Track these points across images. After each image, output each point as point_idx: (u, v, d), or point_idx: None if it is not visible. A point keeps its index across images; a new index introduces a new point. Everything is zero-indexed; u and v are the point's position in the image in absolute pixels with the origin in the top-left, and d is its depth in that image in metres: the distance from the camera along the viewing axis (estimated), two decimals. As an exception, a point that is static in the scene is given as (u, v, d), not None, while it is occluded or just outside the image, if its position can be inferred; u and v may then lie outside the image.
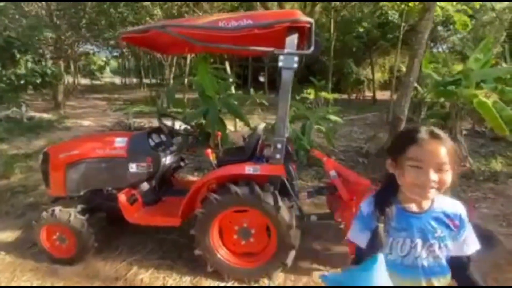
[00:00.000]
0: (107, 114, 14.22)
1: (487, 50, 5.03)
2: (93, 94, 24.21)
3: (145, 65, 28.91)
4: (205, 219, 2.26)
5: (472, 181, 4.56)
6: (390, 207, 0.94)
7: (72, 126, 10.67)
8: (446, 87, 5.30)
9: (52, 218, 2.51)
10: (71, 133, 9.18)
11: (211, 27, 1.90)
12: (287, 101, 2.06)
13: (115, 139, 2.58)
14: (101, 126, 10.79)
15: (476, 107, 4.55)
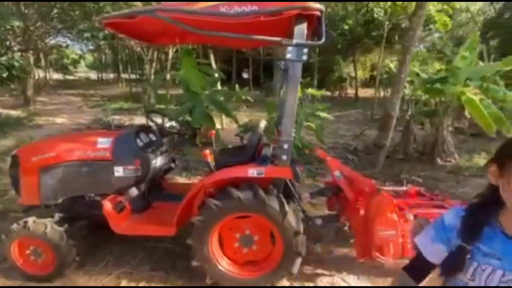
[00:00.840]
0: (82, 111, 13.41)
1: (472, 48, 5.13)
2: (67, 90, 22.82)
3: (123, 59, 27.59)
4: (203, 227, 2.05)
5: (460, 176, 4.65)
6: (483, 226, 0.78)
7: (43, 123, 9.92)
8: (433, 84, 5.39)
9: (24, 231, 2.19)
10: (42, 132, 8.50)
11: (211, 12, 1.68)
12: (295, 97, 1.88)
13: (98, 140, 2.29)
14: (76, 124, 10.13)
15: (464, 104, 4.64)
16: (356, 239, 2.24)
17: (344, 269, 2.47)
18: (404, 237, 2.10)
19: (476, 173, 4.73)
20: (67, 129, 8.99)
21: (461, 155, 5.58)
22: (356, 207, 2.25)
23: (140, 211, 2.39)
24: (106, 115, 11.02)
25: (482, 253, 0.78)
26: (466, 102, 4.54)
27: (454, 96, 4.92)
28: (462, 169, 4.87)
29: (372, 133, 8.20)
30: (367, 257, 2.16)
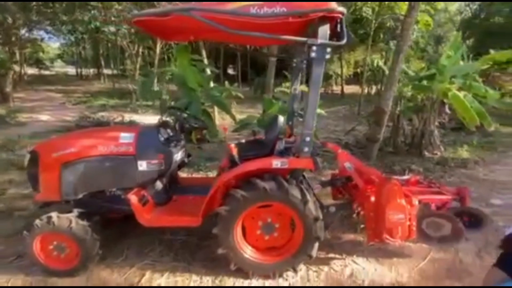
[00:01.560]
0: (65, 108, 12.93)
1: (456, 48, 5.51)
2: (44, 86, 21.75)
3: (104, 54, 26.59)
4: (229, 217, 2.17)
5: (446, 167, 5.02)
6: None
7: (27, 121, 9.51)
8: (421, 81, 5.73)
9: (48, 226, 2.21)
10: (27, 129, 8.18)
11: (243, 13, 1.78)
12: (317, 93, 2.03)
13: (120, 135, 2.32)
14: (62, 121, 9.77)
15: (450, 99, 4.99)
16: (367, 224, 2.44)
17: (353, 253, 2.67)
18: (411, 220, 2.32)
19: (460, 164, 5.12)
20: (52, 127, 8.67)
21: (446, 148, 5.99)
22: (367, 195, 2.44)
23: (162, 204, 2.47)
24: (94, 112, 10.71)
25: None
26: (452, 98, 4.89)
27: (440, 93, 5.28)
28: (448, 161, 5.25)
29: (361, 128, 8.57)
30: (378, 239, 2.37)
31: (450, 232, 2.49)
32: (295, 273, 2.33)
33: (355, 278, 2.36)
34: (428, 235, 2.53)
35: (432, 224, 2.53)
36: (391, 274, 2.41)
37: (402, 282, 2.32)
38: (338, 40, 1.92)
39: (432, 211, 2.54)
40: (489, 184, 4.29)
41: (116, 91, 18.09)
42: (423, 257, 2.59)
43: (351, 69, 21.57)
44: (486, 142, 6.71)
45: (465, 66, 5.40)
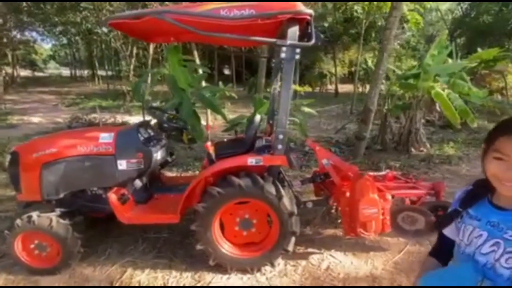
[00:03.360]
0: (58, 110, 12.91)
1: (441, 47, 5.61)
2: (38, 88, 21.66)
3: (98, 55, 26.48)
4: (207, 213, 2.22)
5: (431, 164, 5.12)
6: (480, 198, 0.93)
7: (19, 123, 9.51)
8: (407, 80, 5.83)
9: (29, 225, 2.25)
10: (18, 132, 8.18)
11: (213, 15, 1.84)
12: (289, 92, 2.09)
13: (100, 135, 2.37)
14: (54, 123, 9.77)
15: (434, 97, 5.09)
16: (343, 219, 2.51)
17: (332, 247, 2.74)
18: (384, 214, 2.40)
19: (445, 161, 5.22)
20: (44, 129, 8.66)
21: (431, 145, 6.10)
22: (343, 190, 2.52)
23: (143, 202, 2.52)
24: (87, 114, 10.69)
25: (469, 215, 0.95)
26: (435, 96, 4.99)
27: (425, 91, 5.37)
28: (433, 157, 5.35)
29: (352, 127, 8.67)
30: (353, 233, 2.44)
31: (424, 226, 2.57)
32: (273, 267, 2.39)
33: (331, 271, 2.43)
34: (403, 229, 2.60)
35: (407, 218, 2.60)
36: (366, 267, 2.49)
37: (376, 274, 2.39)
38: (308, 41, 1.99)
39: (406, 206, 2.62)
40: (470, 180, 4.30)
41: (110, 92, 18.05)
42: (399, 250, 2.67)
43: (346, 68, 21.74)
44: (472, 138, 6.83)
45: (449, 65, 5.51)
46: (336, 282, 2.31)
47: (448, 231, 1.04)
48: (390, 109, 5.95)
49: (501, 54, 7.91)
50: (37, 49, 29.78)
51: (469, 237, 0.94)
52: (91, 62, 28.73)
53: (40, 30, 19.89)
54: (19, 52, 24.47)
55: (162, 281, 2.32)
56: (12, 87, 19.59)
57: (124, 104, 12.82)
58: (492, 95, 10.84)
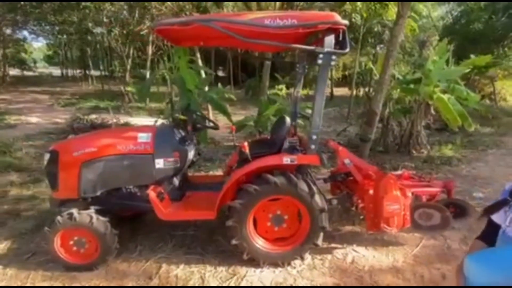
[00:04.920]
0: (54, 110, 12.74)
1: (441, 53, 5.90)
2: (29, 87, 21.20)
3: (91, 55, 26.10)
4: (243, 210, 2.34)
5: (432, 165, 5.38)
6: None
7: (17, 123, 9.35)
8: (408, 85, 6.10)
9: (70, 222, 2.32)
10: (18, 131, 8.07)
11: (258, 24, 1.98)
12: (323, 95, 2.25)
13: (138, 135, 2.46)
14: (53, 123, 9.66)
15: (435, 102, 5.36)
16: (367, 215, 2.67)
17: (352, 242, 2.90)
18: (405, 210, 2.58)
19: (445, 162, 5.49)
20: (44, 129, 8.57)
21: (431, 147, 6.38)
22: (366, 188, 2.68)
23: (178, 199, 2.62)
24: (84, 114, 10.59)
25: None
26: (437, 100, 5.26)
27: (426, 95, 5.64)
28: (434, 159, 5.61)
29: (352, 129, 8.92)
30: (376, 228, 2.61)
31: (439, 221, 2.76)
32: (302, 261, 2.53)
33: (356, 264, 2.58)
34: (420, 224, 2.79)
35: (423, 214, 2.79)
36: (388, 260, 2.65)
37: (398, 266, 2.56)
38: (341, 49, 2.15)
39: (423, 203, 2.81)
40: (471, 180, 4.65)
41: (105, 93, 17.86)
42: (416, 245, 2.85)
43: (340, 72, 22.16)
44: (468, 141, 7.16)
45: (450, 70, 5.80)
46: (363, 274, 2.46)
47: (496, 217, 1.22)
48: (392, 113, 6.20)
49: (492, 61, 8.33)
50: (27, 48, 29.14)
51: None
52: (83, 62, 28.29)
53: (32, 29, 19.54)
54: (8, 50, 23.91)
55: (199, 275, 2.42)
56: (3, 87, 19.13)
57: (122, 105, 12.75)
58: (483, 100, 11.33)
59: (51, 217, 3.24)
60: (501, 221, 1.21)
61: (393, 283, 2.37)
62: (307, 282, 2.35)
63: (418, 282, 2.38)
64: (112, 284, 2.33)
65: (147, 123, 9.13)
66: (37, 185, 4.28)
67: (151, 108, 12.56)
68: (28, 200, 3.83)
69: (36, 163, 5.33)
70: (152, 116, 10.60)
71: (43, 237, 2.40)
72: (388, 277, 2.43)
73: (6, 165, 5.07)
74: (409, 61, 12.68)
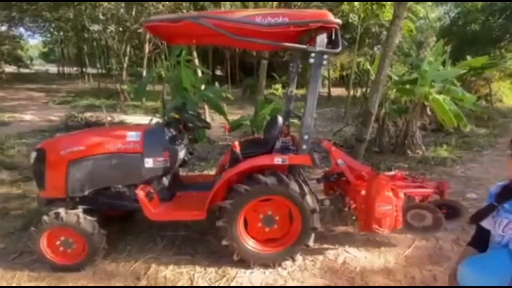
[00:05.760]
0: (49, 108, 12.63)
1: (437, 54, 5.90)
2: (24, 84, 21.03)
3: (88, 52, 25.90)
4: (233, 210, 2.31)
5: (427, 165, 5.37)
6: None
7: (10, 121, 9.25)
8: (404, 85, 6.09)
9: (57, 222, 2.28)
10: (12, 129, 7.98)
11: (249, 21, 1.94)
12: (315, 95, 2.22)
13: (127, 133, 2.42)
14: (47, 121, 9.57)
15: (431, 102, 5.36)
16: (359, 215, 2.65)
17: (345, 243, 2.88)
18: (397, 211, 2.56)
19: (440, 162, 5.49)
20: (38, 127, 8.49)
21: (426, 148, 6.38)
22: (358, 189, 2.66)
23: (167, 199, 2.58)
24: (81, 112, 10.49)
25: (504, 209, 1.11)
26: (432, 101, 5.26)
27: (422, 96, 5.64)
28: (429, 159, 5.61)
29: (348, 129, 8.91)
30: (368, 229, 2.59)
31: (432, 222, 2.75)
32: (293, 262, 2.50)
33: (348, 265, 2.56)
34: (412, 225, 2.77)
35: (416, 215, 2.78)
36: (380, 261, 2.64)
37: (390, 267, 2.54)
38: (333, 48, 2.13)
39: (415, 203, 2.79)
40: (465, 180, 4.65)
41: (102, 91, 17.74)
42: (408, 246, 2.84)
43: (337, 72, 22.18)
44: (463, 142, 7.17)
45: (445, 71, 5.80)
46: (354, 275, 2.44)
47: (485, 223, 1.20)
48: (388, 113, 6.19)
49: (488, 62, 8.36)
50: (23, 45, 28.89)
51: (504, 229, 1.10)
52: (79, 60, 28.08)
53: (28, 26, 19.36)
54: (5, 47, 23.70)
55: (188, 276, 2.39)
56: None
57: (119, 104, 12.65)
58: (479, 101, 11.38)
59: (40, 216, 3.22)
60: (490, 226, 1.19)
61: (384, 284, 2.35)
62: (297, 283, 2.33)
63: (409, 283, 2.36)
64: (99, 284, 2.29)
65: (142, 121, 9.08)
66: (27, 183, 4.23)
67: (147, 106, 12.49)
68: (18, 198, 3.77)
69: (28, 161, 5.24)
70: (148, 114, 10.55)
71: (30, 237, 2.34)
72: (379, 279, 2.41)
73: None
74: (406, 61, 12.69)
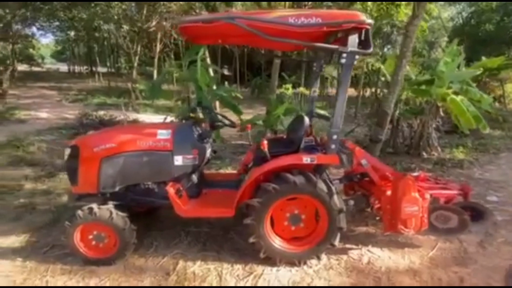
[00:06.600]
0: (62, 106, 12.85)
1: (453, 55, 5.84)
2: (37, 83, 21.44)
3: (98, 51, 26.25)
4: (261, 208, 2.34)
5: (444, 167, 5.33)
6: None
7: (27, 118, 9.44)
8: (420, 86, 6.04)
9: (91, 217, 2.34)
10: (29, 127, 8.16)
11: (282, 22, 1.97)
12: (345, 95, 2.24)
13: (158, 131, 2.48)
14: (63, 118, 9.74)
15: (449, 104, 5.30)
16: (384, 216, 2.66)
17: (367, 243, 2.88)
18: (423, 212, 2.56)
19: (457, 164, 5.44)
20: (55, 124, 8.66)
21: (442, 149, 6.32)
22: (383, 189, 2.67)
23: (195, 196, 2.63)
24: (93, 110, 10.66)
25: None
26: (451, 102, 5.21)
27: (439, 97, 5.59)
28: (445, 161, 5.56)
29: (359, 130, 8.87)
30: (393, 230, 2.59)
31: (457, 224, 2.74)
32: (319, 261, 2.53)
33: (373, 265, 2.57)
34: (436, 227, 2.77)
35: (440, 216, 2.77)
36: (404, 261, 2.64)
37: (415, 268, 2.54)
38: (364, 48, 2.14)
39: (441, 205, 2.78)
40: (484, 183, 4.60)
41: (112, 89, 17.97)
42: (432, 247, 2.83)
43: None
44: (479, 144, 7.08)
45: (463, 72, 5.73)
46: (380, 275, 2.45)
47: None
48: (403, 114, 6.15)
49: (505, 63, 8.21)
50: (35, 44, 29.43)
51: None
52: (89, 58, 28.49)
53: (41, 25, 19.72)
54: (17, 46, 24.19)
55: (216, 272, 2.43)
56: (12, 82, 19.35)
57: (130, 102, 12.82)
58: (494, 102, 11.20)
59: (67, 211, 3.31)
60: None
61: (411, 285, 2.35)
62: (324, 282, 2.35)
63: (436, 284, 2.36)
64: (130, 278, 2.35)
65: (154, 120, 9.18)
66: (51, 179, 4.33)
67: (157, 105, 12.61)
68: (43, 194, 3.87)
69: (48, 157, 5.39)
70: (159, 113, 10.66)
71: (63, 231, 2.42)
72: (406, 279, 2.42)
73: (19, 159, 5.13)
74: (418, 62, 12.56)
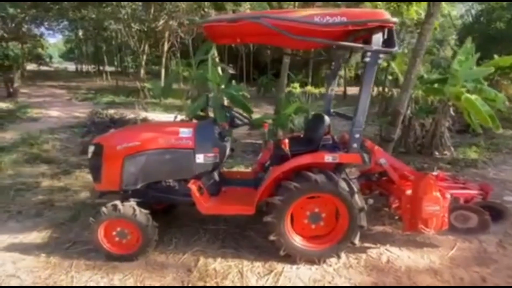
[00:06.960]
0: (72, 104, 13.01)
1: (467, 53, 5.77)
2: (46, 82, 21.77)
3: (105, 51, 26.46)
4: (282, 206, 2.36)
5: (457, 167, 5.28)
6: None
7: (39, 117, 9.59)
8: (433, 85, 5.98)
9: (115, 213, 2.38)
10: (42, 125, 8.28)
11: (308, 21, 1.98)
12: (369, 94, 2.24)
13: (180, 129, 2.51)
14: (74, 117, 9.87)
15: (463, 103, 5.24)
16: (404, 215, 2.65)
17: (386, 242, 2.88)
18: (444, 212, 2.55)
19: (470, 164, 5.38)
20: (67, 122, 8.79)
21: (455, 149, 6.25)
22: (403, 189, 2.66)
23: (215, 194, 2.65)
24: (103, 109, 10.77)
25: None
26: (465, 101, 5.14)
27: (452, 96, 5.53)
28: (458, 161, 5.51)
29: (369, 129, 8.81)
30: (413, 229, 2.59)
31: (477, 224, 2.72)
32: (338, 259, 2.53)
33: (392, 264, 2.57)
34: (455, 227, 2.75)
35: (460, 216, 2.76)
36: (424, 261, 2.63)
37: (435, 268, 2.53)
38: (388, 47, 2.13)
39: (461, 205, 2.77)
40: (500, 183, 4.54)
41: (120, 88, 18.14)
42: (451, 247, 2.82)
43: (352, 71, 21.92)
44: (491, 143, 6.99)
45: (477, 70, 5.66)
46: (400, 274, 2.45)
47: None
48: (415, 113, 6.10)
49: (518, 62, 8.06)
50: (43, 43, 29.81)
51: None
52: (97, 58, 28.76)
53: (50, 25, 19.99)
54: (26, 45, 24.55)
55: (236, 269, 2.46)
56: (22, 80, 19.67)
57: (138, 101, 12.92)
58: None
59: (86, 208, 3.37)
60: None
61: (433, 284, 2.35)
62: (345, 280, 2.36)
63: (458, 284, 2.35)
64: (153, 275, 2.38)
65: (164, 118, 9.25)
66: (67, 176, 4.41)
67: (165, 104, 12.70)
68: (61, 191, 3.94)
69: (62, 155, 5.48)
70: (168, 112, 10.73)
71: (84, 227, 2.46)
72: (427, 278, 2.41)
73: (34, 157, 5.23)
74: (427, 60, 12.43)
